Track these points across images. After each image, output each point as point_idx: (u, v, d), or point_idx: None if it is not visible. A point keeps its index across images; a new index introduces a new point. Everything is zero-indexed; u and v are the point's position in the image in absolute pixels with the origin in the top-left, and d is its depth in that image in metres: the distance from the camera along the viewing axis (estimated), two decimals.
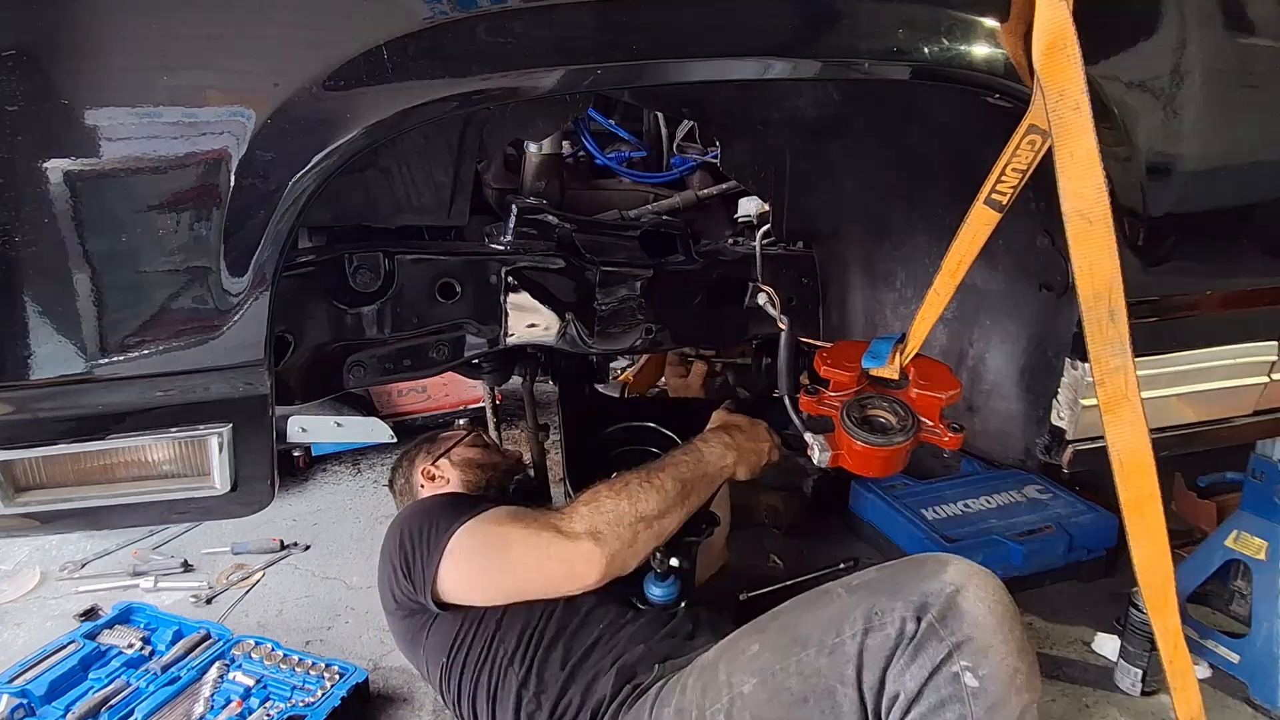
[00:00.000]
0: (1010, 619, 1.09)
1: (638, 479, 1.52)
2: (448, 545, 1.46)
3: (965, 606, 1.08)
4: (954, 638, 1.06)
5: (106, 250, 0.88)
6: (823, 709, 1.13)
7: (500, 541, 1.49)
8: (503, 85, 0.93)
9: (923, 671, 1.06)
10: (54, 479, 0.97)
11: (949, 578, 1.11)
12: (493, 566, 1.50)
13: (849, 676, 1.12)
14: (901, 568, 1.21)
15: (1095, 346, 1.03)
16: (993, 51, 1.00)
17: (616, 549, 1.43)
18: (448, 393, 3.35)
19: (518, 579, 1.48)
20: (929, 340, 1.21)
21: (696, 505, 1.58)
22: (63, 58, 0.83)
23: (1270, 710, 1.88)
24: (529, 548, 1.46)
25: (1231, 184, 1.23)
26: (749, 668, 1.23)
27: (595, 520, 1.45)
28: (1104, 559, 2.38)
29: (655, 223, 1.70)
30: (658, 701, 1.32)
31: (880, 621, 1.11)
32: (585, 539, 1.43)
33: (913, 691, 1.06)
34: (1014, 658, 1.06)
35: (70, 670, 1.91)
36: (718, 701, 1.23)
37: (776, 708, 1.17)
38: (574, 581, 1.45)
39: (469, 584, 1.50)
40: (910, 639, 1.08)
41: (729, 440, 1.66)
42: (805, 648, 1.18)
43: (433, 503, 1.64)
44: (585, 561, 1.43)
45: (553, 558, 1.44)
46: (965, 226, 1.05)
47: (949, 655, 1.05)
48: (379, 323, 1.32)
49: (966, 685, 1.04)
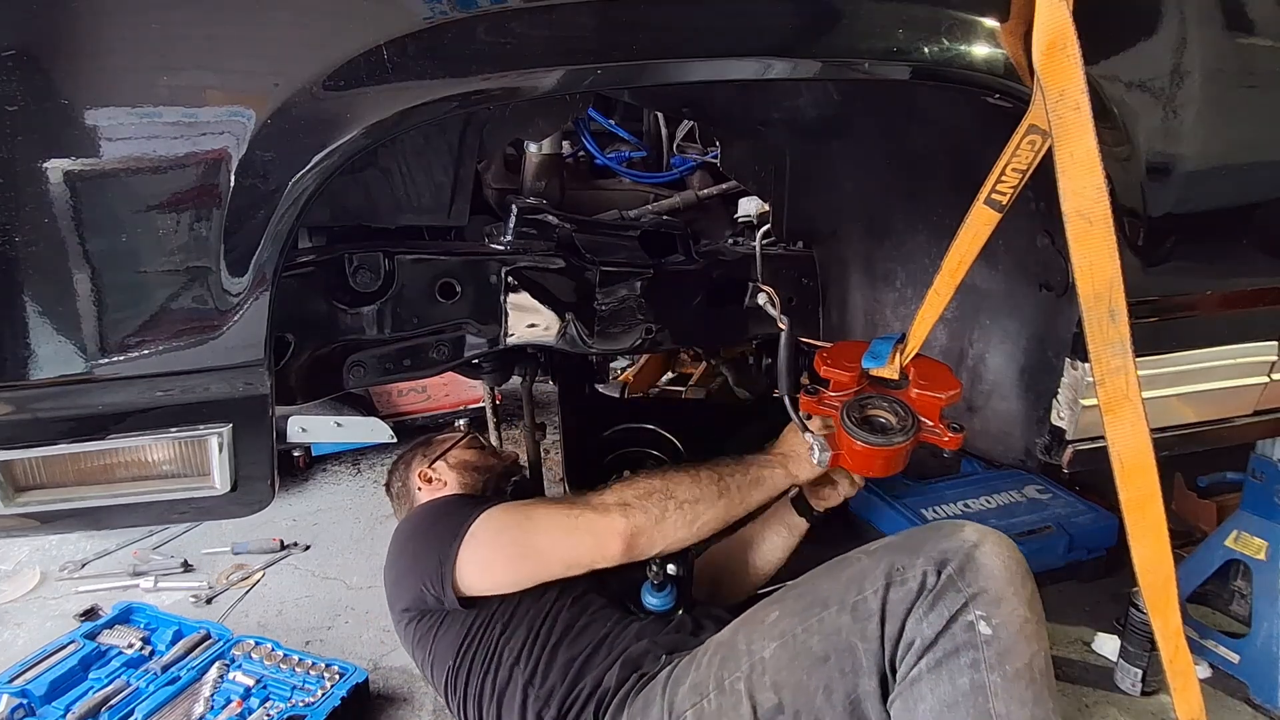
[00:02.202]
0: (1022, 574, 1.14)
1: (674, 468, 1.55)
2: (469, 530, 1.46)
3: (982, 560, 1.12)
4: (970, 589, 1.10)
5: (106, 250, 0.88)
6: (842, 667, 1.16)
7: (526, 519, 1.49)
8: (503, 85, 0.93)
9: (940, 619, 1.10)
10: (54, 479, 0.97)
11: (966, 536, 1.16)
12: (517, 542, 1.49)
13: (871, 631, 1.15)
14: (919, 531, 1.24)
15: (1095, 346, 1.03)
16: (993, 51, 1.00)
17: (643, 522, 1.43)
18: (448, 393, 3.35)
19: (543, 551, 1.47)
20: (929, 340, 1.21)
21: (740, 506, 1.53)
22: (63, 58, 0.83)
23: (1270, 710, 1.88)
24: (556, 519, 1.47)
25: (1231, 184, 1.23)
26: (769, 633, 1.24)
27: (625, 494, 1.47)
28: (1104, 559, 2.38)
29: (655, 223, 1.70)
30: (670, 681, 1.32)
31: (902, 577, 1.15)
32: (614, 509, 1.44)
33: (930, 637, 1.10)
34: (1024, 608, 1.11)
35: (70, 670, 1.92)
36: (737, 670, 1.24)
37: (797, 669, 1.19)
38: (600, 550, 1.44)
39: (490, 565, 1.48)
40: (930, 590, 1.12)
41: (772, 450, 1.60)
42: (827, 607, 1.20)
43: (443, 502, 1.64)
44: (612, 530, 1.42)
45: (579, 528, 1.44)
46: (965, 226, 1.05)
47: (965, 605, 1.10)
48: (379, 323, 1.32)
49: (980, 633, 1.08)
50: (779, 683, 1.20)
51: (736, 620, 1.34)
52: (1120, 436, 1.06)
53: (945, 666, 1.09)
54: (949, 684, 1.08)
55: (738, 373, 2.37)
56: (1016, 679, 1.07)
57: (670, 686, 1.31)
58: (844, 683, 1.16)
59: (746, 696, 1.21)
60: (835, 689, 1.16)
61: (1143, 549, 1.10)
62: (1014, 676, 1.07)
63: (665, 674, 1.35)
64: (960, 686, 1.07)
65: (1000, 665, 1.07)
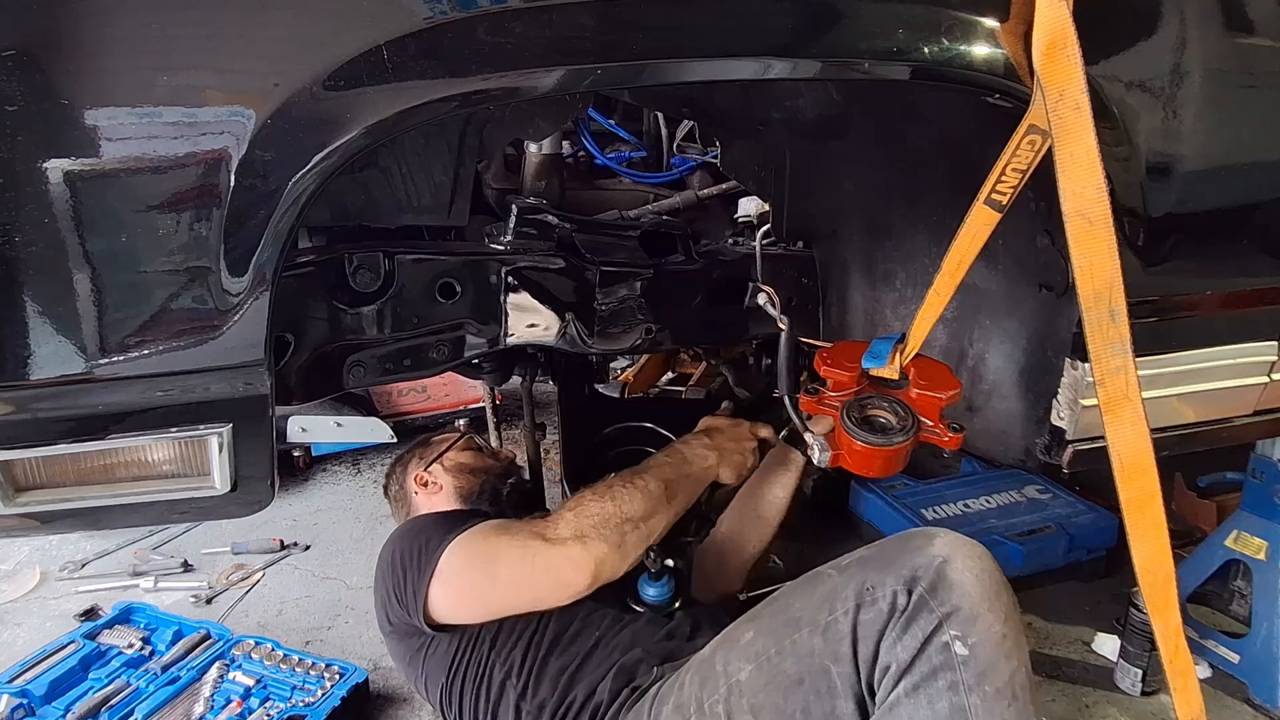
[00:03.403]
0: (996, 586, 1.11)
1: (621, 482, 1.52)
2: (437, 566, 1.44)
3: (954, 577, 1.09)
4: (943, 608, 1.07)
5: (106, 250, 0.88)
6: (818, 689, 1.14)
7: (487, 556, 1.47)
8: (503, 85, 0.93)
9: (914, 642, 1.07)
10: (54, 479, 0.97)
11: (936, 550, 1.12)
12: (481, 583, 1.48)
13: (843, 654, 1.13)
14: (889, 544, 1.21)
15: (1095, 346, 1.03)
16: (993, 51, 1.00)
17: (604, 552, 1.42)
18: (448, 393, 3.35)
19: (506, 593, 1.46)
20: (929, 340, 1.21)
21: (683, 506, 1.58)
22: (63, 58, 0.83)
23: (1270, 710, 1.88)
24: (515, 560, 1.44)
25: (1231, 184, 1.23)
26: (744, 654, 1.23)
27: (580, 524, 1.44)
28: (1104, 559, 2.38)
29: (655, 223, 1.70)
30: (656, 700, 1.32)
31: (872, 597, 1.12)
32: (572, 543, 1.42)
33: (905, 662, 1.07)
34: (1000, 624, 1.07)
35: (70, 670, 1.92)
36: (716, 692, 1.23)
37: (773, 692, 1.17)
38: (563, 589, 1.42)
39: (459, 602, 1.48)
40: (902, 611, 1.09)
41: (709, 442, 1.68)
42: (799, 629, 1.18)
43: (422, 523, 1.62)
44: (573, 567, 1.41)
45: (539, 567, 1.42)
46: (965, 226, 1.05)
47: (939, 625, 1.07)
48: (379, 323, 1.31)
49: (956, 654, 1.05)
50: (756, 705, 1.18)
51: (717, 638, 1.32)
52: (1120, 436, 1.05)
53: (923, 690, 1.05)
54: (928, 709, 1.04)
55: (738, 373, 2.37)
56: (998, 698, 1.04)
57: (656, 705, 1.31)
58: (820, 705, 1.13)
59: (725, 719, 1.20)
60: (813, 711, 1.14)
61: (1143, 549, 1.10)
62: (995, 696, 1.04)
63: (654, 690, 1.34)
64: (940, 711, 1.04)
65: (979, 686, 1.04)
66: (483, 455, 1.91)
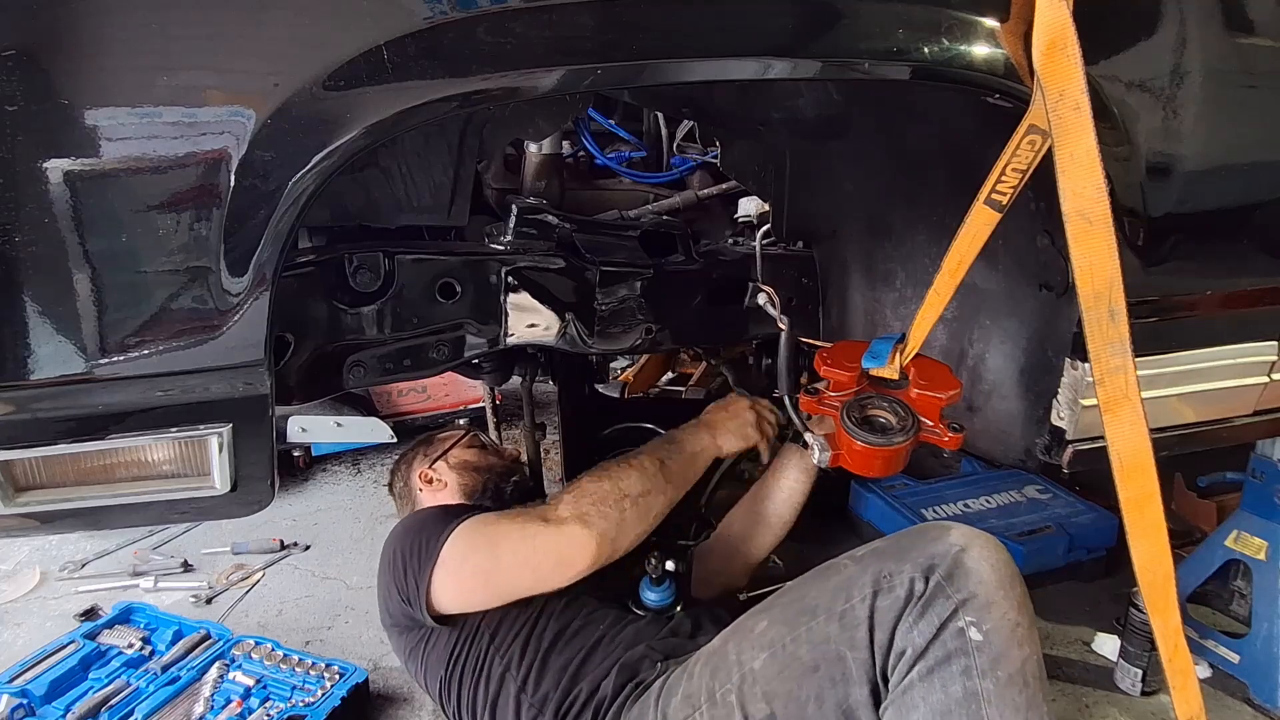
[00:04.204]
0: (1011, 577, 1.13)
1: (616, 463, 1.55)
2: (439, 556, 1.45)
3: (970, 565, 1.11)
4: (959, 595, 1.09)
5: (106, 250, 0.88)
6: (832, 676, 1.15)
7: (488, 541, 1.48)
8: (503, 85, 0.93)
9: (930, 627, 1.09)
10: (54, 479, 0.97)
11: (953, 539, 1.15)
12: (484, 565, 1.48)
13: (859, 639, 1.14)
14: (905, 535, 1.23)
15: (1095, 346, 1.03)
16: (993, 51, 1.00)
17: (604, 528, 1.43)
18: (448, 393, 3.35)
19: (509, 575, 1.47)
20: (929, 340, 1.21)
21: (681, 486, 1.59)
22: (63, 58, 0.83)
23: (1270, 710, 1.88)
24: (516, 541, 1.46)
25: (1231, 184, 1.23)
26: (758, 643, 1.24)
27: (580, 504, 1.46)
28: (1104, 559, 2.38)
29: (655, 223, 1.70)
30: (664, 692, 1.32)
31: (889, 584, 1.14)
32: (573, 522, 1.43)
33: (920, 646, 1.09)
34: (1015, 612, 1.10)
35: (70, 670, 1.92)
36: (728, 681, 1.23)
37: (787, 679, 1.18)
38: (566, 568, 1.43)
39: (463, 588, 1.48)
40: (919, 597, 1.11)
41: (700, 421, 1.70)
42: (814, 616, 1.19)
43: (424, 516, 1.63)
44: (575, 545, 1.42)
45: (540, 548, 1.44)
46: (965, 226, 1.05)
47: (955, 611, 1.09)
48: (379, 323, 1.32)
49: (971, 639, 1.07)
50: (770, 693, 1.19)
51: (726, 630, 1.33)
52: (1120, 436, 1.05)
53: (937, 674, 1.08)
54: (941, 692, 1.07)
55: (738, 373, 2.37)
56: (1009, 684, 1.06)
57: (664, 697, 1.31)
58: (835, 692, 1.15)
59: (738, 708, 1.21)
60: (826, 699, 1.15)
61: (1142, 548, 1.10)
62: (1007, 682, 1.06)
63: (659, 684, 1.34)
64: (953, 694, 1.06)
65: (992, 671, 1.06)
66: (487, 453, 1.91)
